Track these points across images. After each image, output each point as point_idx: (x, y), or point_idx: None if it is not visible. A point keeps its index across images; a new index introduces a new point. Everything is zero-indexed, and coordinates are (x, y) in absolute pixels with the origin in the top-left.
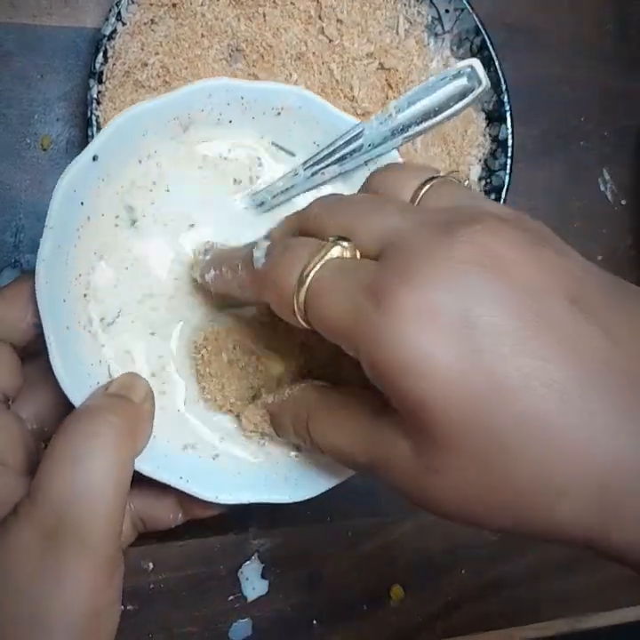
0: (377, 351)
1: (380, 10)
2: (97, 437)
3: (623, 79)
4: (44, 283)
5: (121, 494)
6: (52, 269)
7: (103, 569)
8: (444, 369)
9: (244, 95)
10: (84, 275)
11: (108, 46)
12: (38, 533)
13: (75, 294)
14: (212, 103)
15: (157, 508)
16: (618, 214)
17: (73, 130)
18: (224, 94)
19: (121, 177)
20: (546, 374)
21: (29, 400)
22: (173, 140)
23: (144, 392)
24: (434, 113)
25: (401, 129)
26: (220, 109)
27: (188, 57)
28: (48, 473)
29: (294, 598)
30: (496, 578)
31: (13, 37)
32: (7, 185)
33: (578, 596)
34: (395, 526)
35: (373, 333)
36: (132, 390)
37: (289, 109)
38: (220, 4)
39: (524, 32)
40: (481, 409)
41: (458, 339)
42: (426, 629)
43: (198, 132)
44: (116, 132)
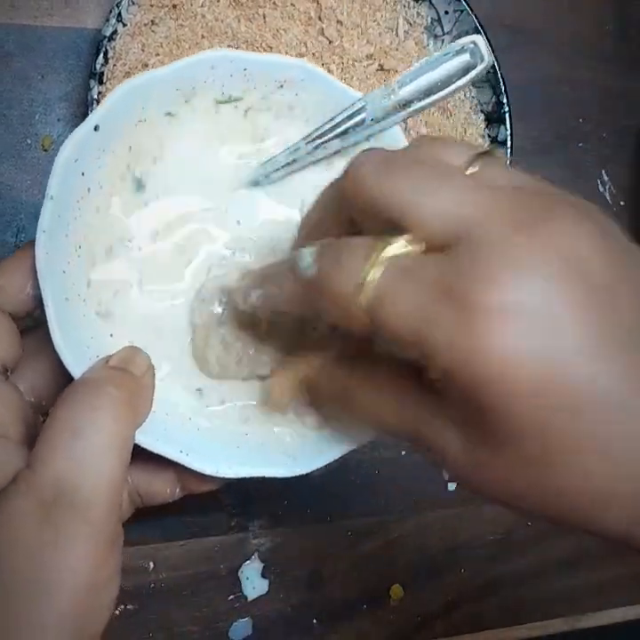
0: (456, 360)
1: (380, 11)
2: (97, 409)
3: (623, 79)
4: (44, 253)
5: (121, 466)
6: (53, 240)
7: (102, 541)
8: (526, 381)
9: (248, 67)
10: (85, 249)
11: (108, 47)
12: (38, 503)
13: (75, 266)
14: (215, 75)
15: (155, 483)
16: (617, 215)
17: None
18: (227, 65)
19: (122, 148)
20: (619, 396)
21: (27, 372)
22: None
23: (145, 365)
24: (436, 88)
25: (403, 104)
26: (223, 81)
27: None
28: (48, 443)
29: (294, 598)
30: (496, 578)
31: (14, 38)
32: (8, 185)
33: (577, 595)
34: (395, 526)
35: (451, 341)
36: (132, 363)
37: (292, 82)
38: (221, 5)
39: (523, 33)
40: (555, 415)
41: (542, 343)
42: (425, 629)
43: (201, 103)
44: (117, 102)
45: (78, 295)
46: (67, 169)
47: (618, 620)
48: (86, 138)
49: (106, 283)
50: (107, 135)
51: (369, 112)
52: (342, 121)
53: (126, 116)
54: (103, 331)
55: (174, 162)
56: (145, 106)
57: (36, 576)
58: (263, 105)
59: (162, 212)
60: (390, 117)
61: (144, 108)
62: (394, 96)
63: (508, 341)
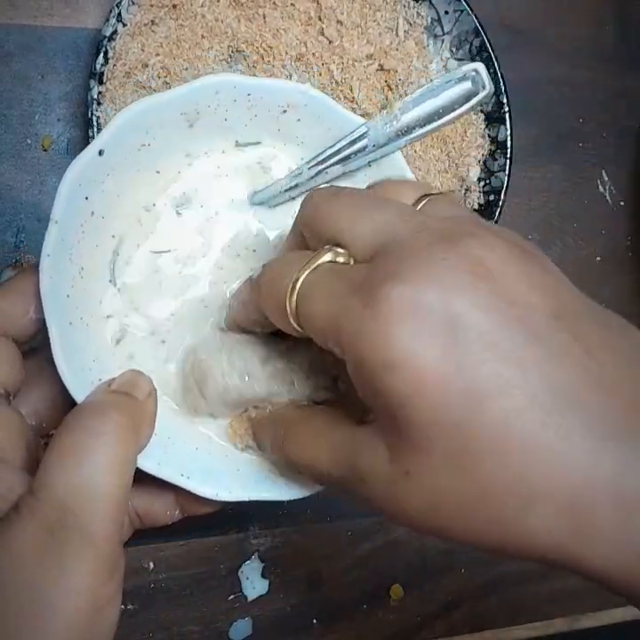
0: (362, 347)
1: (380, 11)
2: (101, 434)
3: (623, 79)
4: (49, 278)
5: (123, 490)
6: (56, 264)
7: (104, 564)
8: (425, 368)
9: (251, 92)
10: (88, 272)
11: (108, 47)
12: (42, 528)
13: (79, 290)
14: (219, 100)
15: (155, 505)
16: (616, 215)
17: (74, 130)
18: (231, 91)
19: (126, 172)
20: (527, 386)
21: (29, 395)
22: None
23: (147, 389)
24: (438, 115)
25: (405, 130)
26: (227, 106)
27: (188, 58)
28: (51, 469)
29: (294, 598)
30: (496, 578)
31: (14, 38)
32: (8, 185)
33: (577, 595)
34: (395, 526)
35: (359, 329)
36: (135, 387)
37: (295, 107)
38: (221, 5)
39: (523, 33)
40: (458, 412)
41: (442, 340)
42: (425, 629)
43: (204, 128)
44: (122, 127)
45: (81, 319)
46: (71, 193)
47: (618, 620)
48: (91, 162)
49: (109, 306)
50: (111, 159)
51: (371, 138)
52: (344, 147)
53: (130, 141)
54: (106, 354)
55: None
56: (149, 130)
57: (40, 599)
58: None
59: (164, 236)
60: (392, 143)
61: (148, 132)
62: (396, 122)
63: (407, 336)
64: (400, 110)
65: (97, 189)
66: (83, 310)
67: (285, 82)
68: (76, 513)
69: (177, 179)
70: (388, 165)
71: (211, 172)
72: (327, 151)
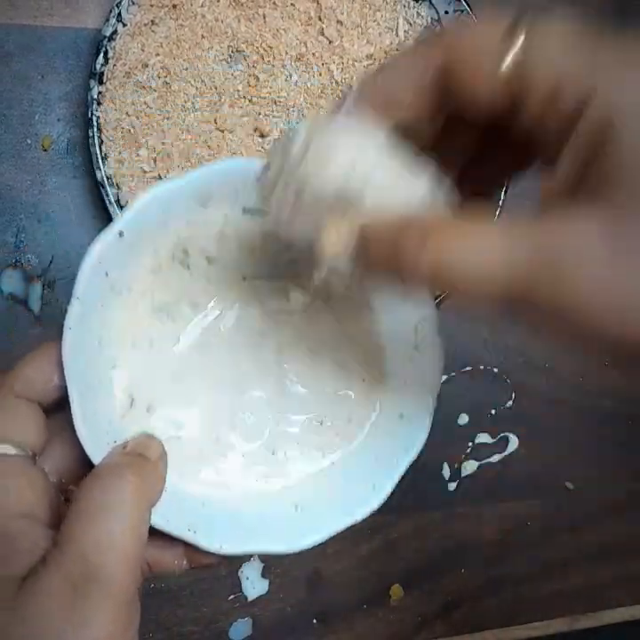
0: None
1: (380, 11)
2: (117, 494)
3: None
4: (70, 349)
5: (140, 545)
6: (77, 336)
7: (123, 613)
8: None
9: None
10: (106, 342)
11: (108, 47)
12: (66, 580)
13: (97, 358)
14: (229, 182)
15: (166, 556)
16: None
17: (74, 130)
18: (240, 173)
19: (144, 249)
20: None
21: (51, 454)
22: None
23: (159, 451)
24: None
25: None
26: (237, 186)
27: (188, 58)
28: (75, 525)
29: (294, 598)
30: (496, 578)
31: (14, 38)
32: (8, 185)
33: (577, 595)
34: (395, 526)
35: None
36: (148, 449)
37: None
38: (221, 5)
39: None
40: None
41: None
42: (425, 629)
43: (217, 208)
44: (141, 210)
45: (100, 383)
46: (92, 271)
47: (618, 620)
48: (111, 243)
49: (126, 373)
50: (130, 239)
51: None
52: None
53: (148, 221)
54: (121, 417)
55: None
56: (165, 210)
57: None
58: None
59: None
60: None
61: (164, 212)
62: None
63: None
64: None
65: (116, 266)
66: (100, 376)
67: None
68: (97, 566)
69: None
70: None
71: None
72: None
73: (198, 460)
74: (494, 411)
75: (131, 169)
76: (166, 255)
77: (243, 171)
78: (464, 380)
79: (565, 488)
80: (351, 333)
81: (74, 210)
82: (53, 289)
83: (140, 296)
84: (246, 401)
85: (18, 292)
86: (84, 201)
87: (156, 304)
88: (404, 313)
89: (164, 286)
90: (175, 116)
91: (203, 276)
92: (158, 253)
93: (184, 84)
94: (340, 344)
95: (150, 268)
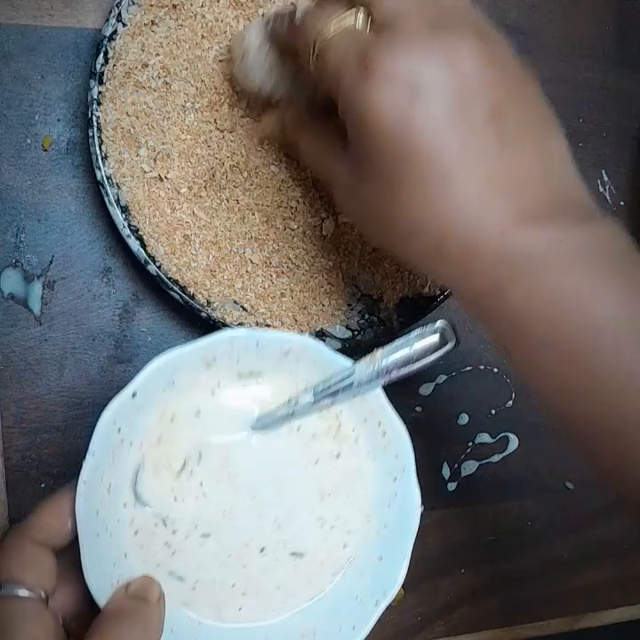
0: (352, 96)
1: None
2: (122, 637)
3: (623, 79)
4: (83, 500)
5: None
6: (90, 488)
7: None
8: (389, 116)
9: (260, 341)
10: (115, 488)
11: (108, 47)
12: None
13: (106, 504)
14: (233, 347)
15: None
16: (616, 215)
17: (74, 130)
18: (243, 341)
19: (154, 407)
20: (449, 147)
21: (58, 594)
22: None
23: (158, 593)
24: (411, 361)
25: (384, 372)
26: (239, 352)
27: (188, 58)
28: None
29: None
30: (496, 578)
31: (14, 38)
32: (8, 185)
33: (577, 595)
34: None
35: (353, 84)
36: (148, 592)
37: (295, 351)
38: (220, 5)
39: (523, 33)
40: (394, 148)
41: (407, 99)
42: (425, 629)
43: (219, 370)
44: (153, 373)
45: (106, 528)
46: (106, 428)
47: (618, 620)
48: (124, 402)
49: (131, 514)
50: (141, 399)
51: (356, 378)
52: (334, 384)
53: (158, 383)
54: (123, 559)
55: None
56: (174, 371)
57: None
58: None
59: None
60: (373, 382)
61: (173, 372)
62: (377, 366)
63: (382, 93)
64: (380, 356)
65: (127, 422)
66: (108, 521)
67: (288, 334)
68: None
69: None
70: (370, 399)
71: (220, 402)
72: (320, 386)
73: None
74: (494, 411)
75: (130, 169)
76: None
77: (244, 339)
78: (464, 379)
79: (565, 488)
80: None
81: (74, 210)
82: (53, 289)
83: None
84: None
85: (18, 291)
86: (84, 201)
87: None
88: (386, 464)
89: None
90: (175, 116)
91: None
92: (165, 411)
93: (184, 84)
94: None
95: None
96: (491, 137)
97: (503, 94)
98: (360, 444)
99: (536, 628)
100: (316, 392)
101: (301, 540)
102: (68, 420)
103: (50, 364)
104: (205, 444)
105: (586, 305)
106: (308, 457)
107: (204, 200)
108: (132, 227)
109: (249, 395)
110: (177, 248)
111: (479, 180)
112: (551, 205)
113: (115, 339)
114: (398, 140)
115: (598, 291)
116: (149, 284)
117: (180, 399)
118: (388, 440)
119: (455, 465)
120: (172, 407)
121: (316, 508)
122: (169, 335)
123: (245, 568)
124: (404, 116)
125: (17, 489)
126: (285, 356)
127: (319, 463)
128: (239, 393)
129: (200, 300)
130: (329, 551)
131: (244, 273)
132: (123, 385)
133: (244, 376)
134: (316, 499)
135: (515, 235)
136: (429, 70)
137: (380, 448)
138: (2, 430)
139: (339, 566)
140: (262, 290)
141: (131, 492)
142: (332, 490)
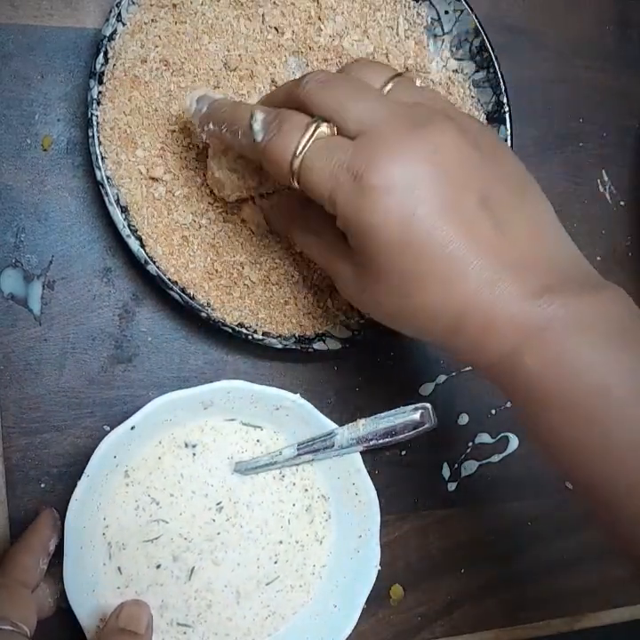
0: (349, 211)
1: (380, 11)
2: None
3: (623, 79)
4: (73, 516)
5: None
6: (81, 505)
7: None
8: (388, 230)
9: (254, 395)
10: (103, 507)
11: (108, 47)
12: None
13: (93, 520)
14: (229, 397)
15: None
16: (617, 215)
17: (74, 130)
18: (239, 392)
19: (153, 438)
20: (454, 240)
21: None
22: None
23: (147, 621)
24: (391, 434)
25: (364, 439)
26: (235, 401)
27: (187, 49)
28: None
29: None
30: (496, 578)
31: (14, 38)
32: (8, 185)
33: (577, 595)
34: (395, 526)
35: (348, 199)
36: (138, 622)
37: (285, 407)
38: (221, 4)
39: (523, 33)
40: (403, 252)
41: (402, 203)
42: (425, 629)
43: (215, 412)
44: (153, 411)
45: (90, 542)
46: (103, 454)
47: (618, 620)
48: (123, 434)
49: (116, 533)
50: (139, 431)
51: (337, 440)
52: (317, 442)
53: (157, 418)
54: (102, 568)
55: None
56: (172, 410)
57: None
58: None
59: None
60: (353, 447)
61: (171, 411)
62: (358, 433)
63: (381, 206)
64: (363, 425)
65: (123, 450)
66: (92, 535)
67: (280, 391)
68: None
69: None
70: (347, 461)
71: (211, 439)
72: (304, 443)
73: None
74: (494, 411)
75: (128, 170)
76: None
77: (242, 390)
78: (464, 380)
79: (565, 488)
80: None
81: (74, 210)
82: (53, 289)
83: (137, 476)
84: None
85: (18, 291)
86: (83, 201)
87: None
88: (353, 521)
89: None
90: (171, 117)
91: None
92: (161, 443)
93: (184, 79)
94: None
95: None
96: (486, 222)
97: (488, 176)
98: (330, 501)
99: (536, 628)
100: (300, 447)
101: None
102: (68, 420)
103: (49, 363)
104: (187, 477)
105: (599, 369)
106: (281, 506)
107: (199, 203)
108: (131, 227)
109: (241, 437)
110: (175, 249)
111: (488, 262)
112: (557, 275)
113: (115, 339)
114: (406, 244)
115: (612, 357)
116: (149, 284)
117: (175, 433)
118: (360, 500)
119: (455, 465)
120: (167, 440)
121: (279, 548)
122: (169, 335)
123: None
124: (407, 222)
125: (17, 489)
126: (277, 410)
127: (289, 513)
128: (230, 432)
129: (200, 300)
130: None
131: (241, 285)
132: (122, 385)
133: (238, 420)
134: (281, 538)
135: (527, 310)
136: (418, 170)
137: (350, 506)
138: (2, 430)
139: (296, 605)
140: (264, 299)
141: (116, 513)
142: (300, 537)
